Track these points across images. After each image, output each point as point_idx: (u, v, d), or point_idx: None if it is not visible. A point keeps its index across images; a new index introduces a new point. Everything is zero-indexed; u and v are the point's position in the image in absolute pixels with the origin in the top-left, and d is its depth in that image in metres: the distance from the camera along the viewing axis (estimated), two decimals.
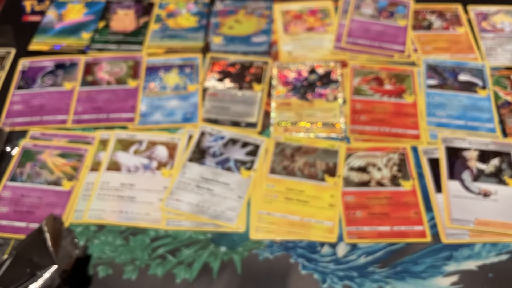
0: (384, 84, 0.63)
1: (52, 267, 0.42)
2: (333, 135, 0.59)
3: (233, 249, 0.50)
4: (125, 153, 0.58)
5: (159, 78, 0.65)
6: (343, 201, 0.53)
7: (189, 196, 0.53)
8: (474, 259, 0.48)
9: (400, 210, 0.52)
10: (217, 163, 0.56)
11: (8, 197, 0.54)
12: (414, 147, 0.57)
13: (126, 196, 0.54)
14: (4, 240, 0.51)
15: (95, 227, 0.52)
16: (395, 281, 0.47)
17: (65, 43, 0.70)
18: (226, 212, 0.52)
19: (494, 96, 0.62)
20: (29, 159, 0.57)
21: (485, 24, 0.70)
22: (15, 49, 0.69)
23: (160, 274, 0.48)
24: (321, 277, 0.48)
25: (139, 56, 0.68)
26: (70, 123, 0.61)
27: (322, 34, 0.70)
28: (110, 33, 0.71)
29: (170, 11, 0.74)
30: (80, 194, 0.54)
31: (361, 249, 0.50)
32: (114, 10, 0.74)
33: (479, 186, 0.53)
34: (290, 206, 0.52)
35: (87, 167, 0.56)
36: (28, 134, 0.60)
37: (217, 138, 0.58)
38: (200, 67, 0.66)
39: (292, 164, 0.56)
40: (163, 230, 0.51)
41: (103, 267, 0.49)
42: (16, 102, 0.63)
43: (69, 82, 0.65)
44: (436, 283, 0.47)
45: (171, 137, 0.59)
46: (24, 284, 0.41)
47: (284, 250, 0.50)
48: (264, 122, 0.60)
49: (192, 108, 0.62)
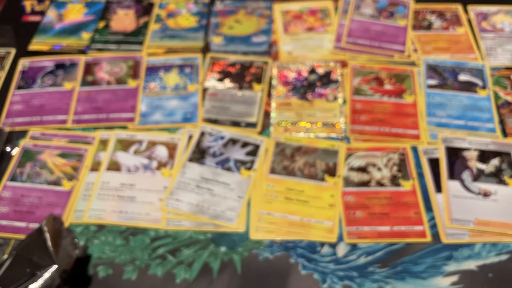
0: (384, 84, 0.63)
1: (52, 267, 0.42)
2: (333, 135, 0.59)
3: (233, 249, 0.50)
4: (125, 153, 0.58)
5: (159, 78, 0.65)
6: (343, 201, 0.53)
7: (189, 196, 0.53)
8: (474, 259, 0.48)
9: (400, 210, 0.52)
10: (217, 163, 0.56)
11: (8, 197, 0.54)
12: (414, 147, 0.57)
13: (126, 196, 0.54)
14: (4, 240, 0.51)
15: (95, 227, 0.52)
16: (395, 281, 0.47)
17: (65, 43, 0.70)
18: (226, 212, 0.52)
19: (494, 96, 0.62)
20: (29, 159, 0.57)
21: (485, 24, 0.71)
22: (15, 49, 0.69)
23: (160, 274, 0.48)
24: (321, 277, 0.48)
25: (139, 56, 0.68)
26: (70, 123, 0.61)
27: (322, 34, 0.70)
28: (110, 33, 0.71)
29: (170, 11, 0.74)
30: (80, 194, 0.54)
31: (361, 249, 0.50)
32: (114, 10, 0.74)
33: (479, 186, 0.53)
34: (290, 206, 0.52)
35: (87, 167, 0.56)
36: (28, 134, 0.60)
37: (217, 138, 0.58)
38: (200, 67, 0.66)
39: (292, 164, 0.56)
40: (163, 230, 0.51)
41: (103, 267, 0.49)
42: (16, 102, 0.63)
43: (69, 82, 0.65)
44: (436, 283, 0.47)
45: (171, 137, 0.59)
46: (24, 284, 0.41)
47: (284, 250, 0.50)
48: (264, 122, 0.60)
49: (192, 108, 0.62)
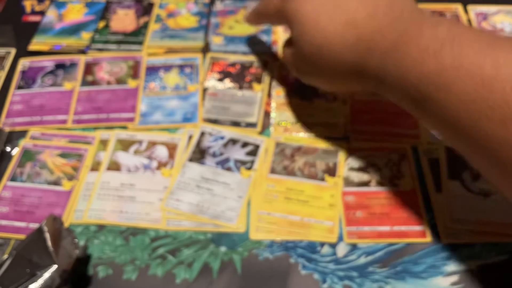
0: None
1: (52, 267, 0.42)
2: (333, 135, 0.58)
3: (233, 249, 0.50)
4: (125, 153, 0.58)
5: (159, 78, 0.65)
6: (343, 201, 0.53)
7: (189, 196, 0.53)
8: (474, 259, 0.48)
9: (400, 210, 0.52)
10: (217, 163, 0.56)
11: (8, 197, 0.54)
12: (414, 147, 0.57)
13: (126, 196, 0.54)
14: (4, 240, 0.51)
15: (95, 227, 0.52)
16: (395, 281, 0.47)
17: (65, 43, 0.70)
18: (226, 212, 0.52)
19: None
20: (29, 159, 0.57)
21: (485, 24, 0.70)
22: (15, 49, 0.69)
23: (160, 274, 0.48)
24: (321, 277, 0.48)
25: (139, 56, 0.68)
26: (70, 123, 0.61)
27: None
28: (110, 33, 0.71)
29: (170, 11, 0.74)
30: (80, 194, 0.54)
31: (361, 249, 0.50)
32: (114, 10, 0.74)
33: (479, 186, 0.53)
34: (290, 206, 0.52)
35: (87, 167, 0.56)
36: (28, 134, 0.60)
37: (217, 138, 0.58)
38: (200, 67, 0.66)
39: (292, 164, 0.56)
40: (163, 230, 0.51)
41: (103, 267, 0.49)
42: (16, 102, 0.63)
43: (69, 82, 0.65)
44: (436, 283, 0.47)
45: (171, 137, 0.59)
46: (24, 284, 0.41)
47: (284, 250, 0.50)
48: (264, 122, 0.60)
49: (192, 108, 0.62)
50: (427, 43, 0.40)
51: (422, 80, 0.40)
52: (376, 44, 0.44)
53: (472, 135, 0.38)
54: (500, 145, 0.36)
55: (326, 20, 0.46)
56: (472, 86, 0.36)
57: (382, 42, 0.44)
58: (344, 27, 0.45)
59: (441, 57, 0.38)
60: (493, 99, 0.35)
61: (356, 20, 0.45)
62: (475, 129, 0.37)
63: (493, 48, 0.37)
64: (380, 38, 0.44)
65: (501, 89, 0.35)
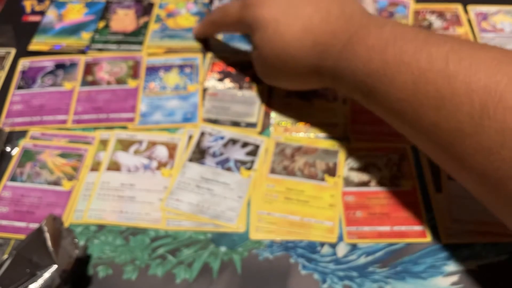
0: None
1: (52, 267, 0.42)
2: (333, 135, 0.58)
3: (233, 249, 0.50)
4: (125, 153, 0.58)
5: (159, 78, 0.65)
6: (343, 201, 0.53)
7: (189, 196, 0.53)
8: (474, 259, 0.48)
9: (400, 210, 0.52)
10: (217, 163, 0.56)
11: (8, 197, 0.54)
12: (414, 147, 0.57)
13: (126, 196, 0.54)
14: (4, 240, 0.51)
15: (95, 227, 0.52)
16: (395, 281, 0.47)
17: (65, 43, 0.70)
18: (226, 212, 0.52)
19: None
20: (29, 159, 0.57)
21: (485, 24, 0.71)
22: (15, 49, 0.70)
23: (160, 274, 0.48)
24: (321, 277, 0.48)
25: (139, 56, 0.68)
26: (70, 123, 0.61)
27: None
28: (110, 33, 0.71)
29: (170, 11, 0.74)
30: (80, 194, 0.54)
31: (361, 249, 0.50)
32: (114, 10, 0.74)
33: None
34: (290, 206, 0.52)
35: (87, 167, 0.56)
36: (28, 134, 0.60)
37: (217, 138, 0.58)
38: (200, 67, 0.66)
39: (292, 164, 0.56)
40: (163, 230, 0.51)
41: (103, 267, 0.49)
42: (16, 102, 0.63)
43: (69, 82, 0.65)
44: (436, 283, 0.47)
45: (171, 137, 0.59)
46: (24, 284, 0.41)
47: (284, 250, 0.50)
48: (264, 122, 0.60)
49: (192, 108, 0.62)
50: (373, 42, 0.44)
51: (370, 76, 0.44)
52: (330, 46, 0.48)
53: (414, 123, 0.42)
54: (435, 127, 0.40)
55: (285, 26, 0.50)
56: (412, 79, 0.41)
57: (336, 44, 0.47)
58: (301, 32, 0.49)
59: (385, 54, 0.43)
60: (428, 90, 0.40)
61: (312, 26, 0.49)
62: (416, 117, 0.41)
63: (427, 44, 0.41)
64: (334, 40, 0.48)
65: (434, 80, 0.39)
